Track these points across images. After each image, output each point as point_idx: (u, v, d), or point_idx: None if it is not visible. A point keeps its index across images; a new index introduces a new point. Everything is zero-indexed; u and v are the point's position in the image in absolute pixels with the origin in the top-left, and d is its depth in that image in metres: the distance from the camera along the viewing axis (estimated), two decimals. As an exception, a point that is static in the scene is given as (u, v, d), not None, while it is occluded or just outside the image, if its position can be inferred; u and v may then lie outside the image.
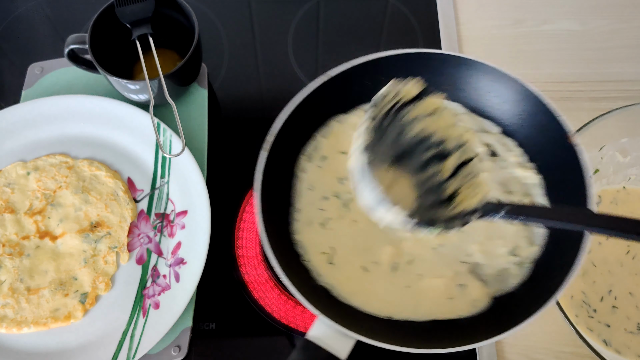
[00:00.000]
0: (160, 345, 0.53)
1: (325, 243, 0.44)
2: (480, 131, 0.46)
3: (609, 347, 0.51)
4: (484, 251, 0.43)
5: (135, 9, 0.60)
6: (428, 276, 0.42)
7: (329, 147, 0.46)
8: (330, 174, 0.45)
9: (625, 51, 0.70)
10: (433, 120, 0.40)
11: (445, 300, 0.42)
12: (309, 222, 0.44)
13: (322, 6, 0.75)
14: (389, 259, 0.42)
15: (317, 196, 0.45)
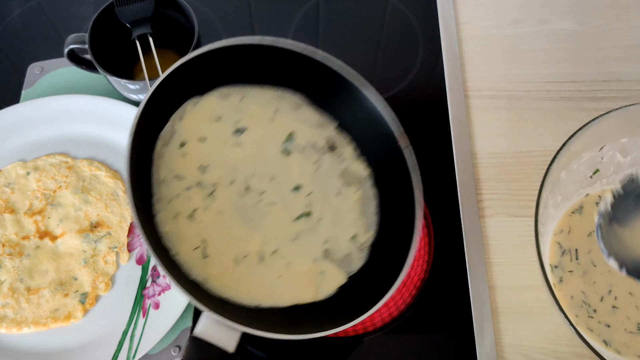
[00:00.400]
0: (160, 345, 0.53)
1: (196, 236, 0.43)
2: (319, 126, 0.48)
3: (609, 347, 0.51)
4: (333, 238, 0.46)
5: (135, 8, 0.60)
6: (292, 265, 0.44)
7: (186, 132, 0.44)
8: (191, 162, 0.44)
9: (625, 51, 0.70)
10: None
11: (309, 286, 0.44)
12: (175, 213, 0.43)
13: (322, 6, 0.75)
14: (257, 249, 0.43)
15: (180, 185, 0.44)
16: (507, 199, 0.62)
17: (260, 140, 0.46)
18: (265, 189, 0.45)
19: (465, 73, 0.70)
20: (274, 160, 0.46)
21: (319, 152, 0.48)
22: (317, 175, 0.47)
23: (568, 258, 0.54)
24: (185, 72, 0.43)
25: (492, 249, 0.59)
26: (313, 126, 0.48)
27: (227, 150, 0.45)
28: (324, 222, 0.46)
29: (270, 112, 0.47)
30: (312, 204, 0.46)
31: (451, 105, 0.67)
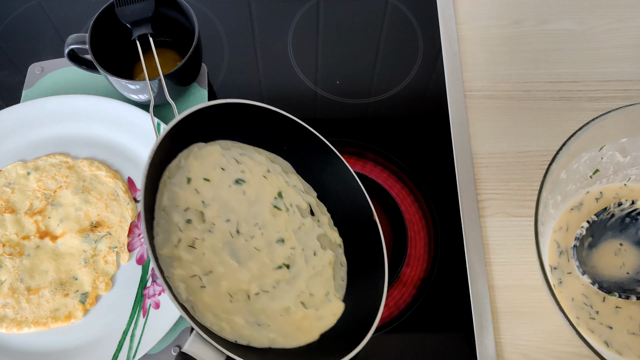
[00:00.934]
0: (161, 345, 0.53)
1: (195, 264, 0.46)
2: (303, 191, 0.54)
3: (610, 349, 0.51)
4: (308, 292, 0.50)
5: (135, 9, 0.60)
6: (270, 309, 0.47)
7: (193, 170, 0.49)
8: (195, 197, 0.48)
9: (625, 51, 0.70)
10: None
11: (294, 330, 0.48)
12: (174, 240, 0.46)
13: (322, 6, 0.75)
14: (245, 287, 0.47)
15: (182, 215, 0.47)
16: (507, 198, 0.62)
17: (256, 192, 0.51)
18: (254, 234, 0.49)
19: (465, 73, 0.70)
20: (265, 211, 0.50)
21: (302, 213, 0.53)
22: (299, 233, 0.52)
23: (565, 258, 0.54)
24: (195, 119, 0.48)
25: (492, 249, 0.60)
26: (298, 191, 0.53)
27: (228, 193, 0.49)
28: (301, 276, 0.50)
29: (264, 170, 0.52)
30: (293, 258, 0.50)
31: (451, 105, 0.67)
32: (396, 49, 0.72)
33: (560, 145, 0.50)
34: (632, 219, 0.54)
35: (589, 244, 0.54)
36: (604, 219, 0.54)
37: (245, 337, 0.45)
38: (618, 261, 0.54)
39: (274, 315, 0.47)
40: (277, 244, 0.49)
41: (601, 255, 0.54)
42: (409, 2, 0.75)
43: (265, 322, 0.46)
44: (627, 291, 0.52)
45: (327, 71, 0.70)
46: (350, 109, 0.68)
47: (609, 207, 0.54)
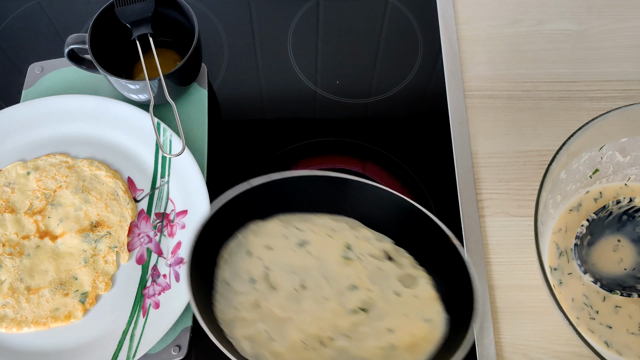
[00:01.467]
0: (161, 344, 0.53)
1: (260, 322, 0.46)
2: (376, 240, 0.51)
3: (610, 349, 0.51)
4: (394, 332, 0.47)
5: (135, 9, 0.60)
6: (351, 351, 0.46)
7: (253, 244, 0.50)
8: (257, 264, 0.49)
9: (625, 51, 0.70)
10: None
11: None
12: (236, 305, 0.47)
13: (322, 6, 0.75)
14: (317, 334, 0.46)
15: (245, 284, 0.48)
16: (507, 198, 0.62)
17: (321, 249, 0.50)
18: (322, 286, 0.48)
19: (465, 73, 0.70)
20: (333, 264, 0.49)
21: (377, 259, 0.50)
22: (375, 277, 0.49)
23: (565, 259, 0.54)
24: (243, 200, 0.48)
25: (492, 249, 0.60)
26: (370, 241, 0.51)
27: (291, 255, 0.49)
28: (384, 317, 0.47)
29: (328, 230, 0.51)
30: (370, 302, 0.47)
31: (451, 105, 0.67)
32: (396, 49, 0.72)
33: (560, 145, 0.50)
34: (630, 216, 0.54)
35: (588, 242, 0.54)
36: (602, 217, 0.54)
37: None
38: (616, 257, 0.54)
39: (358, 352, 0.46)
40: (348, 291, 0.48)
41: (600, 252, 0.55)
42: (409, 2, 0.75)
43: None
44: (627, 288, 0.52)
45: (327, 71, 0.71)
46: (350, 109, 0.68)
47: (607, 204, 0.54)
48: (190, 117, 0.64)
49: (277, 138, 0.66)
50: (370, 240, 0.51)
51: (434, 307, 0.48)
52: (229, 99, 0.69)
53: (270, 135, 0.66)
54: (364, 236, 0.51)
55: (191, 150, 0.61)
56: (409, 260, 0.50)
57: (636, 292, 0.51)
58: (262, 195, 0.50)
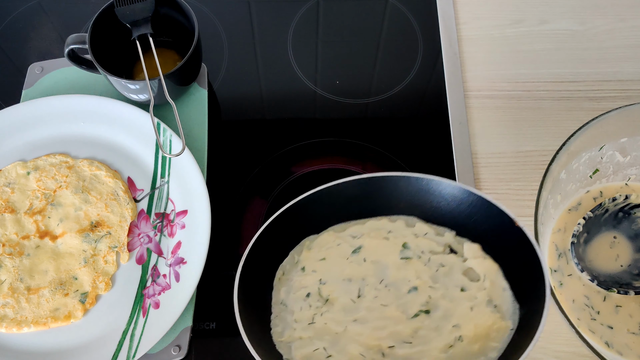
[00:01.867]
0: (160, 344, 0.53)
1: (315, 340, 0.45)
2: (436, 235, 0.50)
3: (610, 349, 0.51)
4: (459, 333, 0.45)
5: (135, 9, 0.60)
6: (415, 356, 0.44)
7: (306, 260, 0.49)
8: (311, 279, 0.48)
9: (625, 51, 0.70)
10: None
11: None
12: (293, 324, 0.46)
13: (322, 6, 0.75)
14: (376, 344, 0.44)
15: (300, 301, 0.47)
16: (507, 198, 0.62)
17: (377, 253, 0.48)
18: (379, 293, 0.46)
19: (465, 73, 0.70)
20: (390, 267, 0.47)
21: (439, 254, 0.48)
22: (438, 275, 0.47)
23: (564, 260, 0.54)
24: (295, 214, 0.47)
25: (492, 249, 0.59)
26: (429, 236, 0.49)
27: (345, 265, 0.48)
28: (449, 317, 0.45)
29: (385, 233, 0.49)
30: (433, 302, 0.45)
31: (451, 105, 0.67)
32: (396, 49, 0.72)
33: (560, 145, 0.50)
34: (625, 213, 0.55)
35: (584, 240, 0.54)
36: (598, 215, 0.54)
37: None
38: (613, 254, 0.54)
39: (424, 356, 0.43)
40: (408, 294, 0.46)
41: (597, 250, 0.55)
42: (409, 2, 0.75)
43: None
44: (624, 286, 0.52)
45: (327, 71, 0.71)
46: (350, 109, 0.68)
47: (603, 202, 0.54)
48: (190, 117, 0.64)
49: (277, 138, 0.66)
50: (429, 236, 0.49)
51: (503, 296, 0.45)
52: (229, 99, 0.69)
53: (270, 135, 0.66)
54: (423, 232, 0.49)
55: (191, 150, 0.61)
56: (475, 248, 0.48)
57: (633, 290, 0.52)
58: (312, 208, 0.49)
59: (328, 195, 0.49)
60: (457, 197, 0.48)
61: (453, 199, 0.48)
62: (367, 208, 0.50)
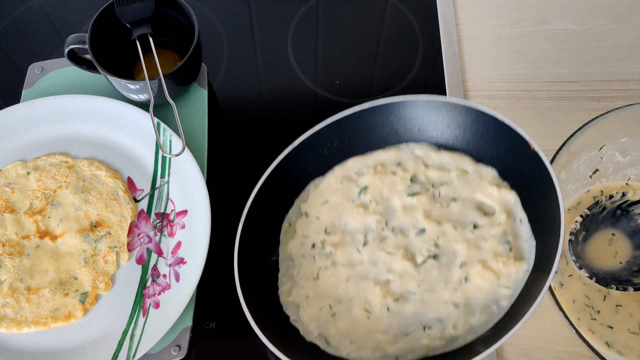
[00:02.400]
0: (160, 344, 0.53)
1: (322, 296, 0.44)
2: (447, 164, 0.47)
3: (611, 349, 0.51)
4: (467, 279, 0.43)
5: (135, 9, 0.60)
6: (422, 311, 0.42)
7: (309, 203, 0.47)
8: (316, 227, 0.46)
9: (625, 51, 0.70)
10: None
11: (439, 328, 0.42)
12: (300, 281, 0.45)
13: (322, 6, 0.75)
14: (381, 300, 0.43)
15: (305, 252, 0.46)
16: (507, 198, 0.62)
17: (382, 192, 0.46)
18: (385, 238, 0.44)
19: (465, 73, 0.70)
20: (397, 207, 0.45)
21: (449, 187, 0.45)
22: (449, 210, 0.45)
23: (564, 261, 0.54)
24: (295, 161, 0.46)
25: (492, 249, 0.59)
26: (439, 164, 0.47)
27: (350, 209, 0.46)
28: (457, 260, 0.43)
29: (392, 166, 0.47)
30: (442, 245, 0.43)
31: (451, 105, 0.67)
32: (396, 49, 0.72)
33: (560, 145, 0.50)
34: (623, 210, 0.55)
35: (583, 237, 0.54)
36: (596, 212, 0.55)
37: (391, 353, 0.41)
38: (611, 251, 0.55)
39: (429, 311, 0.42)
40: (416, 237, 0.43)
41: (595, 247, 0.55)
42: (409, 2, 0.75)
43: (416, 327, 0.41)
44: (622, 282, 0.52)
45: (327, 71, 0.70)
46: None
47: (600, 200, 0.54)
48: (190, 117, 0.64)
49: (277, 138, 0.66)
50: (439, 162, 0.46)
51: (520, 230, 0.43)
52: (229, 99, 0.69)
53: (271, 135, 0.66)
54: (432, 159, 0.46)
55: (191, 150, 0.61)
56: (491, 174, 0.45)
57: (632, 286, 0.52)
58: (316, 148, 0.46)
59: (332, 130, 0.46)
60: (469, 119, 0.45)
61: (464, 122, 0.45)
62: (374, 141, 0.48)
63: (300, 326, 0.44)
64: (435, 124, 0.46)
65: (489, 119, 0.44)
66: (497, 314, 0.41)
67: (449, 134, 0.47)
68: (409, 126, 0.47)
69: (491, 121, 0.44)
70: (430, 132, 0.47)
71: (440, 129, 0.47)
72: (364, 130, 0.47)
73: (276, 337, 0.42)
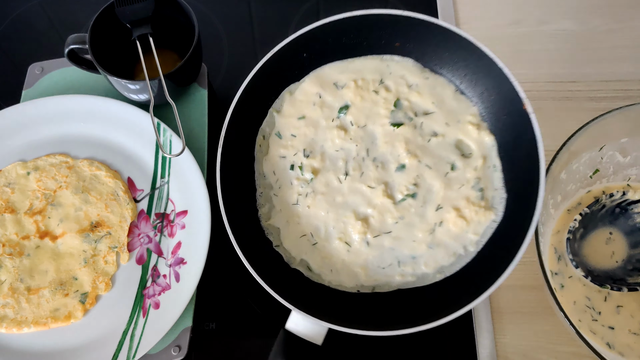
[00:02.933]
0: (160, 345, 0.53)
1: (303, 223, 0.44)
2: (432, 89, 0.46)
3: (612, 350, 0.51)
4: (442, 221, 0.45)
5: (135, 9, 0.60)
6: (398, 248, 0.44)
7: (286, 121, 0.45)
8: (294, 146, 0.45)
9: (625, 51, 0.70)
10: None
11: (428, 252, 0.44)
12: (279, 203, 0.45)
13: (322, 6, 0.75)
14: (361, 234, 0.44)
15: (283, 174, 0.45)
16: (507, 199, 0.62)
17: (365, 114, 0.45)
18: (365, 169, 0.44)
19: (465, 73, 0.69)
20: (378, 136, 0.44)
21: (431, 118, 0.44)
22: (430, 145, 0.45)
23: (564, 263, 0.54)
24: (276, 62, 0.43)
25: (492, 249, 0.59)
26: (423, 89, 0.45)
27: (329, 131, 0.45)
28: (434, 199, 0.44)
29: (377, 80, 0.45)
30: (420, 182, 0.44)
31: (451, 105, 0.67)
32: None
33: (560, 145, 0.50)
34: (622, 209, 0.55)
35: (580, 235, 0.55)
36: (595, 211, 0.55)
37: (368, 284, 0.43)
38: (608, 250, 0.55)
39: (404, 248, 0.43)
40: (396, 173, 0.44)
41: (592, 246, 0.55)
42: (409, 2, 0.75)
43: (391, 263, 0.43)
44: (617, 282, 0.52)
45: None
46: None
47: (600, 198, 0.54)
48: (190, 117, 0.64)
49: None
50: (424, 88, 0.44)
51: (493, 177, 0.44)
52: (229, 99, 0.69)
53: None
54: (417, 81, 0.45)
55: (191, 150, 0.61)
56: (473, 113, 0.45)
57: (626, 286, 0.52)
58: (300, 51, 0.44)
59: (315, 35, 0.44)
60: (461, 51, 0.44)
61: (458, 53, 0.44)
62: (357, 47, 0.46)
63: (283, 252, 0.45)
64: (422, 43, 0.45)
65: (486, 60, 0.43)
66: (465, 256, 0.44)
67: (436, 57, 0.45)
68: (396, 39, 0.45)
69: (487, 62, 0.43)
70: (417, 50, 0.46)
71: (428, 50, 0.45)
72: (348, 35, 0.45)
73: (264, 270, 0.42)
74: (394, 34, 0.45)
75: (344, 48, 0.46)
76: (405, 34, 0.45)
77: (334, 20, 0.44)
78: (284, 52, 0.44)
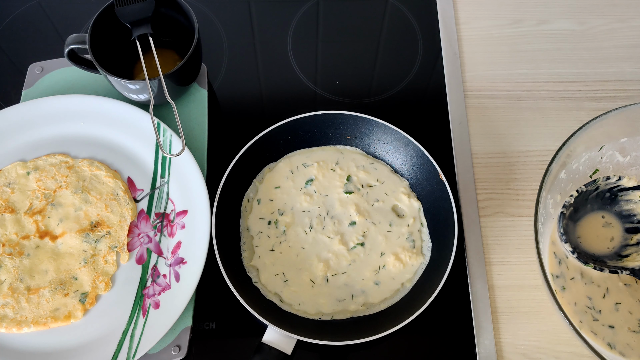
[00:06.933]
0: (160, 344, 0.53)
1: (277, 265, 0.57)
2: (376, 168, 0.61)
3: (613, 350, 0.51)
4: (385, 263, 0.58)
5: (135, 9, 0.60)
6: (349, 283, 0.57)
7: (266, 189, 0.60)
8: (270, 208, 0.59)
9: (625, 51, 0.70)
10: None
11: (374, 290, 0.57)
12: (258, 250, 0.58)
13: (322, 6, 0.75)
14: (322, 274, 0.57)
15: (261, 228, 0.59)
16: (507, 198, 0.62)
17: (326, 186, 0.60)
18: (326, 225, 0.59)
19: (465, 73, 0.70)
20: (335, 201, 0.60)
21: (374, 189, 0.60)
22: (373, 209, 0.60)
23: (565, 266, 0.54)
24: (259, 146, 0.60)
25: (492, 249, 0.60)
26: (369, 170, 0.61)
27: (299, 196, 0.60)
28: (377, 247, 0.58)
29: (333, 162, 0.62)
30: (367, 234, 0.58)
31: (451, 105, 0.67)
32: (396, 49, 0.72)
33: (560, 145, 0.50)
34: (612, 194, 0.56)
35: (569, 214, 0.55)
36: (588, 191, 0.56)
37: (328, 312, 0.55)
38: (607, 234, 0.56)
39: (356, 285, 0.56)
40: (349, 228, 0.58)
41: (585, 227, 0.57)
42: (409, 2, 0.75)
43: (346, 296, 0.56)
44: (598, 262, 0.54)
45: (327, 71, 0.71)
46: (350, 109, 0.68)
47: (597, 179, 0.56)
48: (190, 117, 0.64)
49: (277, 138, 0.66)
50: (369, 169, 0.61)
51: (421, 232, 0.59)
52: (229, 99, 0.69)
53: (270, 135, 0.66)
54: (363, 164, 0.61)
55: (191, 150, 0.61)
56: (405, 185, 0.61)
57: (607, 267, 0.52)
58: (273, 141, 0.60)
59: (288, 128, 0.60)
60: (395, 141, 0.60)
61: (389, 139, 0.61)
62: (319, 139, 0.62)
63: (261, 287, 0.56)
64: (366, 136, 0.62)
65: (411, 145, 0.60)
66: (402, 290, 0.56)
67: (377, 146, 0.62)
68: (348, 133, 0.62)
69: (412, 146, 0.60)
70: (362, 141, 0.63)
71: (370, 140, 0.62)
72: (313, 129, 0.62)
73: (248, 297, 0.53)
74: (346, 128, 0.62)
75: (310, 139, 0.62)
76: (353, 128, 0.62)
77: (302, 117, 0.60)
78: (265, 138, 0.60)
